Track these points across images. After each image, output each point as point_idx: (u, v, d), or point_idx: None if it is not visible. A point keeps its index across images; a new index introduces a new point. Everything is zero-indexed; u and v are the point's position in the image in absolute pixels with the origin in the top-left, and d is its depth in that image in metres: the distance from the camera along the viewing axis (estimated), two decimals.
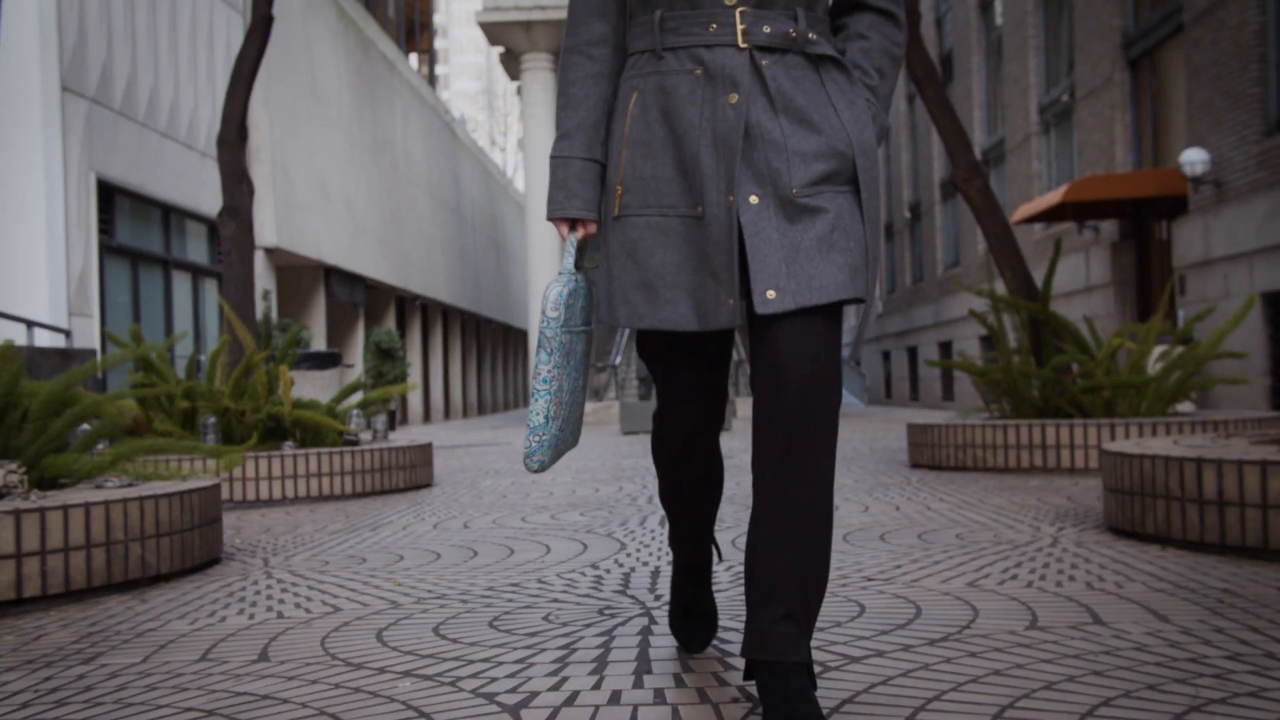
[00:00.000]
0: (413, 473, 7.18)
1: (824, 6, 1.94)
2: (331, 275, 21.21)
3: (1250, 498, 3.26)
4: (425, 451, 7.44)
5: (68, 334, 9.62)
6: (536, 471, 1.96)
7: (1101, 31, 15.92)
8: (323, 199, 20.19)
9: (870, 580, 3.09)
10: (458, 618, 2.81)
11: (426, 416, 28.80)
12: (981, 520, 4.33)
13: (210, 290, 15.50)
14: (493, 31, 22.13)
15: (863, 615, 2.62)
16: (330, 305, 22.74)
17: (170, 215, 14.25)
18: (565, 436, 2.01)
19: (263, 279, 17.70)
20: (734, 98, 1.83)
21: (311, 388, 10.00)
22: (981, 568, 3.24)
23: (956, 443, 6.87)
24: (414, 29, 32.21)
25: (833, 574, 3.18)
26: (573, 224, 1.95)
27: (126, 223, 13.16)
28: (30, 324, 9.02)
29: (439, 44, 78.12)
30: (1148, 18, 14.89)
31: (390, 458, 6.97)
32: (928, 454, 7.08)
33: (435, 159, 29.41)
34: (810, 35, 1.86)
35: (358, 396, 12.61)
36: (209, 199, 14.97)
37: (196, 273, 15.10)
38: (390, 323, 26.21)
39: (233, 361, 7.53)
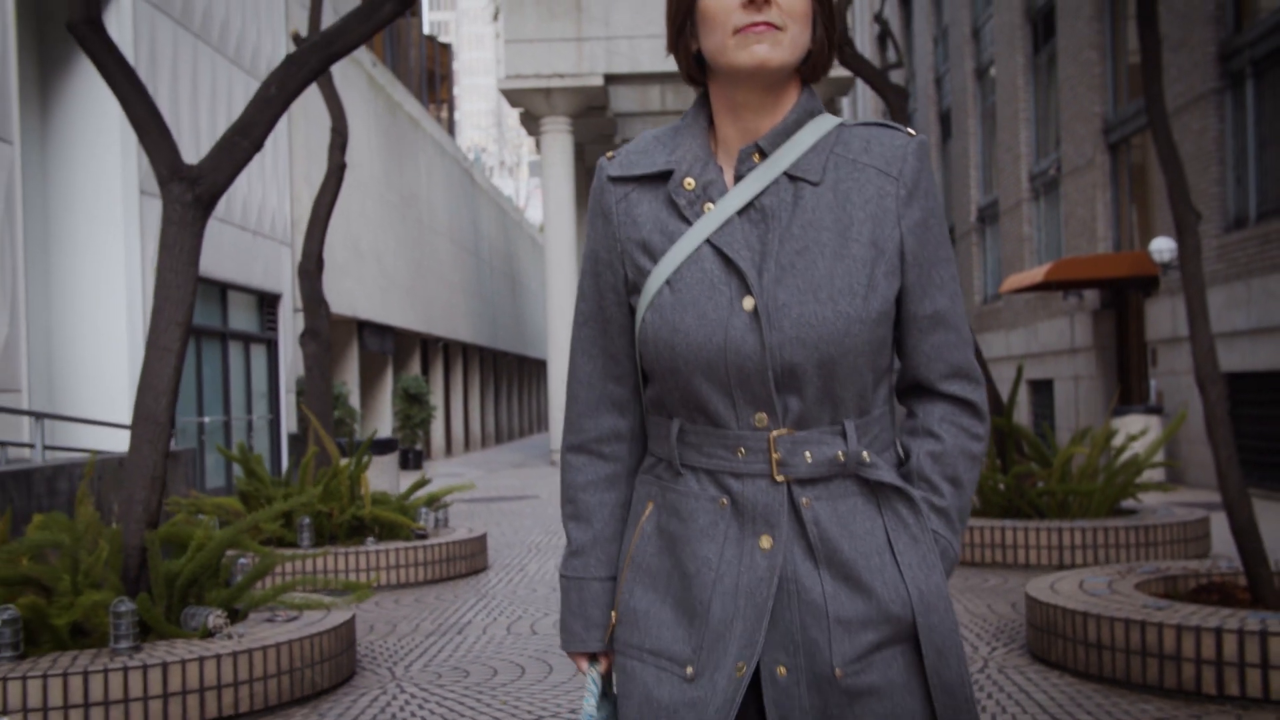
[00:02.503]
0: (472, 560, 8.45)
1: (881, 407, 1.58)
2: (364, 328, 22.55)
3: (1119, 644, 4.52)
4: (481, 541, 8.70)
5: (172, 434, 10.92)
6: None
7: (1084, 116, 17.21)
8: (356, 259, 21.54)
9: None
10: None
11: (448, 449, 30.11)
12: None
13: (259, 355, 16.82)
14: (513, 96, 23.48)
15: None
16: (363, 356, 24.08)
17: (226, 291, 15.59)
18: None
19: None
20: (766, 543, 1.50)
21: (372, 471, 11.30)
22: None
23: None
24: (434, 80, 33.63)
25: None
26: (593, 656, 1.66)
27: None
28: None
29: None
30: (1125, 108, 16.17)
31: (454, 549, 8.25)
32: None
33: (456, 206, 30.80)
34: (864, 456, 1.52)
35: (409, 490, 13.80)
36: (259, 273, 16.31)
37: (248, 340, 16.43)
38: (416, 366, 27.55)
39: (318, 462, 8.81)
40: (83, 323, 12.43)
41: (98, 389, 12.35)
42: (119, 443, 11.28)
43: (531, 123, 25.26)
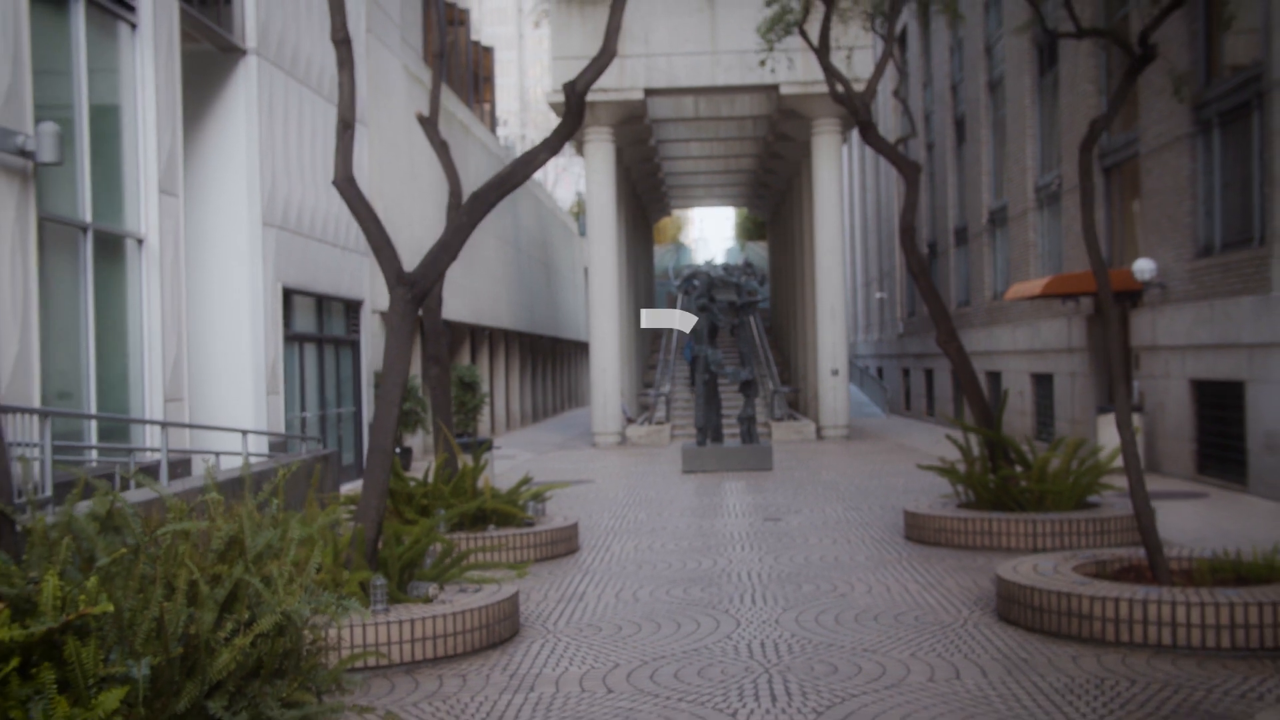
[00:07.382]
0: (569, 543, 10.63)
1: None
2: (423, 324, 24.75)
3: (1053, 608, 6.64)
4: (574, 528, 10.86)
5: (323, 442, 13.11)
6: None
7: (1081, 140, 19.13)
8: (417, 261, 23.71)
9: (859, 652, 6.50)
10: (683, 668, 6.23)
11: (492, 428, 32.37)
12: (933, 604, 7.72)
13: (345, 356, 19.03)
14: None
15: (835, 673, 6.04)
16: (424, 351, 26.32)
17: (322, 302, 17.77)
18: None
19: (377, 337, 21.24)
20: None
21: None
22: (918, 641, 6.64)
23: (936, 526, 10.24)
24: (478, 83, 35.67)
25: (842, 646, 6.57)
26: None
27: (296, 315, 16.68)
28: (314, 439, 12.55)
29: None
30: (1117, 139, 18.13)
31: (555, 535, 10.42)
32: (917, 532, 10.45)
33: (499, 203, 32.97)
34: None
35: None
36: (346, 284, 18.48)
37: (337, 344, 18.62)
38: (467, 354, 29.77)
39: (445, 463, 10.97)
40: (213, 339, 14.61)
41: (227, 396, 14.54)
42: (235, 443, 13.45)
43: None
